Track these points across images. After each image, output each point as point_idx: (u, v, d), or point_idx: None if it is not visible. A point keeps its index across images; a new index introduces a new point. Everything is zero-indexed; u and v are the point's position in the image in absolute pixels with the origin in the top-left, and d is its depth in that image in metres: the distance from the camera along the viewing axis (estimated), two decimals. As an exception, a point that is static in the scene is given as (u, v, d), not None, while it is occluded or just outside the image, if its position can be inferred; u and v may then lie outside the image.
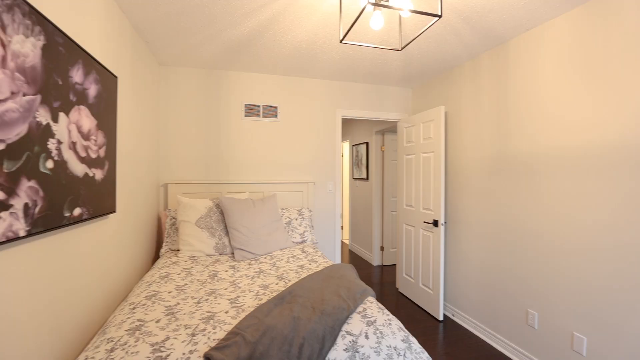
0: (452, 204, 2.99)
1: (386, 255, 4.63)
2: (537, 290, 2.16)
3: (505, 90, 2.43)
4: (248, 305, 1.51)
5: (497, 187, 2.50)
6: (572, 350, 1.93)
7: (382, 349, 1.26)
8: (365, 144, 4.89)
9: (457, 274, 2.93)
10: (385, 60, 2.83)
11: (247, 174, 3.18)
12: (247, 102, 3.17)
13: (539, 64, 2.17)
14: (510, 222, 2.38)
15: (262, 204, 2.65)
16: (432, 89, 3.33)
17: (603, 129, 1.79)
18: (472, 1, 1.86)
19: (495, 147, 2.53)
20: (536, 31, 2.18)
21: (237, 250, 2.35)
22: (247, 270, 2.05)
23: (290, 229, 2.85)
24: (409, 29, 2.22)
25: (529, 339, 2.21)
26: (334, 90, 3.43)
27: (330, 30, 2.27)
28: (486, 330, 2.58)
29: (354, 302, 1.47)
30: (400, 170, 3.57)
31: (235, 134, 3.15)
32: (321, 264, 2.18)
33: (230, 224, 2.46)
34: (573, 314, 1.93)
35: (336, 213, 3.42)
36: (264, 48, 2.58)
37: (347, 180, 6.06)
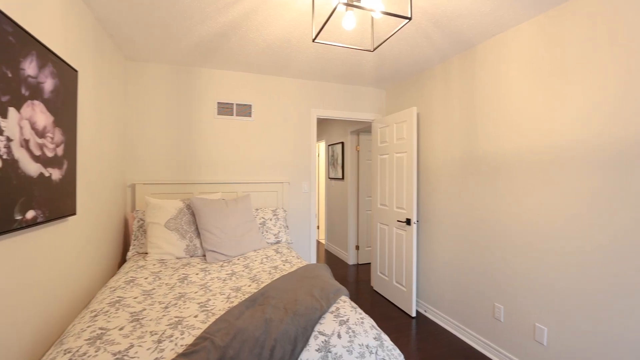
0: (424, 203, 3.07)
1: (361, 254, 4.68)
2: (503, 285, 2.26)
3: (473, 93, 2.52)
4: (219, 308, 1.47)
5: (466, 186, 2.59)
6: (534, 341, 2.03)
7: (355, 348, 1.27)
8: (340, 143, 4.92)
9: (429, 271, 3.01)
10: (359, 61, 2.86)
11: (220, 174, 3.10)
12: (220, 100, 3.10)
13: (502, 69, 2.27)
14: (477, 220, 2.48)
15: (235, 205, 2.60)
16: (405, 90, 3.40)
17: (559, 131, 1.89)
18: (443, 5, 1.91)
19: (463, 148, 2.62)
20: (501, 37, 2.28)
21: (209, 252, 2.29)
22: (219, 273, 2.00)
23: (265, 230, 2.81)
24: (382, 30, 2.25)
25: (496, 332, 2.31)
26: (309, 90, 3.42)
27: (304, 29, 2.26)
28: (457, 325, 2.67)
29: (327, 301, 1.47)
30: (374, 170, 3.62)
31: (208, 132, 3.06)
32: (295, 265, 2.16)
33: (201, 225, 2.39)
34: (535, 307, 2.04)
35: (311, 213, 3.42)
36: (237, 45, 2.52)
37: (323, 180, 6.08)
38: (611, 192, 1.65)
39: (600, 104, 1.70)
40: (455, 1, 1.86)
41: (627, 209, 1.59)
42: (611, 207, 1.65)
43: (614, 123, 1.64)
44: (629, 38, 1.58)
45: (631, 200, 1.57)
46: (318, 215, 6.40)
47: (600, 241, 1.70)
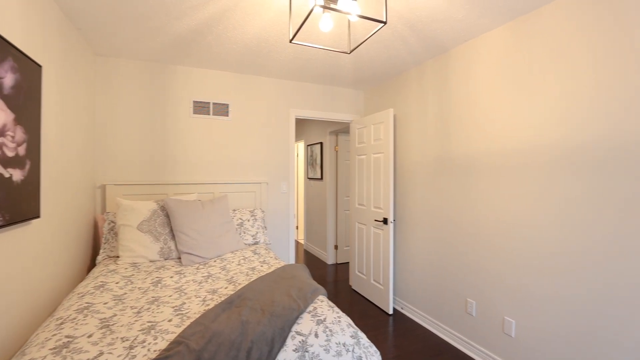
0: (401, 202, 3.14)
1: (340, 253, 4.72)
2: (475, 281, 2.35)
3: (446, 96, 2.61)
4: (194, 312, 1.44)
5: (439, 187, 2.67)
6: (503, 333, 2.13)
7: (332, 346, 1.28)
8: (319, 144, 4.94)
9: (405, 269, 3.08)
10: (337, 63, 2.88)
11: (196, 175, 3.04)
12: (196, 98, 3.03)
13: (472, 74, 2.36)
14: (450, 220, 2.56)
15: (211, 205, 2.55)
16: (382, 92, 3.46)
17: (524, 136, 1.99)
18: (418, 10, 1.96)
19: (437, 149, 2.70)
20: (472, 43, 2.37)
21: (184, 254, 2.24)
22: (195, 275, 1.95)
23: (242, 231, 2.77)
24: (359, 33, 2.29)
25: (469, 326, 2.40)
26: (287, 90, 3.41)
27: (282, 29, 2.25)
28: (432, 321, 2.74)
29: (305, 301, 1.48)
30: (352, 170, 3.66)
31: (183, 132, 2.99)
32: (273, 265, 2.15)
33: (176, 227, 2.33)
34: (504, 301, 2.13)
35: (290, 213, 3.41)
36: (213, 43, 2.48)
37: (302, 180, 6.07)
38: (572, 195, 1.76)
39: (563, 109, 1.81)
40: (430, 7, 1.91)
41: (588, 210, 1.70)
42: (572, 208, 1.76)
43: (575, 128, 1.75)
44: (589, 47, 1.69)
45: (591, 201, 1.68)
46: (297, 216, 6.40)
47: (562, 240, 1.81)
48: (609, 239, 1.60)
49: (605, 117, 1.62)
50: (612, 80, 1.60)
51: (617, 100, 1.57)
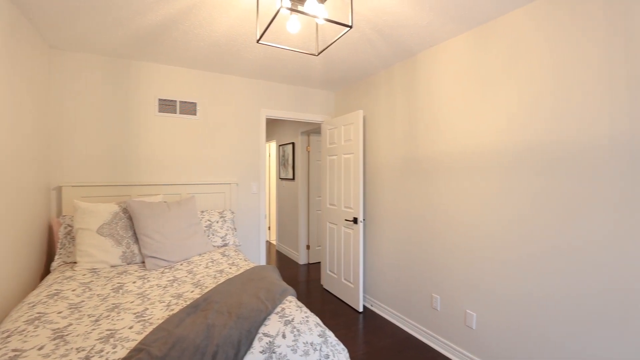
0: (370, 202, 3.21)
1: (312, 253, 4.74)
2: (439, 276, 2.46)
3: (414, 99, 2.70)
4: (157, 317, 1.40)
5: (406, 187, 2.76)
6: (465, 326, 2.24)
7: (299, 346, 1.29)
8: (291, 144, 4.93)
9: (374, 267, 3.15)
10: (307, 64, 2.89)
11: (162, 175, 2.93)
12: (161, 96, 2.92)
13: (436, 78, 2.46)
14: (415, 219, 2.66)
15: (178, 207, 2.47)
16: (352, 93, 3.52)
17: (484, 138, 2.11)
18: (385, 15, 2.02)
19: (405, 150, 2.79)
20: (436, 48, 2.47)
21: (149, 258, 2.15)
22: (159, 280, 1.89)
23: (211, 233, 2.71)
24: (328, 35, 2.31)
25: (434, 320, 2.50)
26: (258, 90, 3.38)
27: (250, 28, 2.23)
28: (400, 317, 2.83)
29: (273, 303, 1.48)
30: (324, 171, 3.69)
31: (148, 131, 2.87)
32: (243, 267, 2.13)
33: (140, 230, 2.23)
34: (466, 295, 2.25)
35: (261, 214, 3.38)
36: (180, 40, 2.41)
37: (274, 180, 6.03)
38: (527, 195, 1.89)
39: (520, 114, 1.93)
40: (396, 12, 1.97)
41: (541, 211, 1.83)
42: (526, 208, 1.89)
43: (530, 132, 1.88)
44: (544, 56, 1.82)
45: (538, 199, 1.81)
46: (269, 216, 6.34)
47: (518, 237, 1.93)
48: (555, 240, 1.73)
49: (558, 122, 1.75)
50: (563, 88, 1.73)
51: (566, 107, 1.71)
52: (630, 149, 1.47)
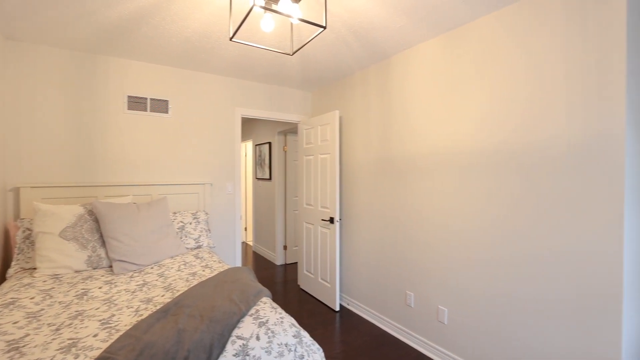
0: (346, 202, 3.24)
1: (289, 254, 4.72)
2: (413, 274, 2.52)
3: (388, 100, 2.75)
4: (125, 324, 1.34)
5: (381, 187, 2.81)
6: (437, 321, 2.31)
7: (274, 348, 1.28)
8: (268, 144, 4.88)
9: (350, 266, 3.19)
10: (283, 63, 2.88)
11: (131, 175, 2.81)
12: (131, 93, 2.80)
13: (409, 80, 2.52)
14: (391, 218, 2.71)
15: (148, 209, 2.38)
16: (329, 93, 3.54)
17: (456, 138, 2.19)
18: (359, 17, 2.04)
19: (379, 151, 2.83)
20: (410, 51, 2.53)
21: (117, 262, 2.06)
22: (128, 284, 1.81)
23: (184, 234, 2.64)
24: (304, 35, 2.31)
25: (408, 317, 2.56)
26: (233, 88, 3.32)
27: (224, 25, 2.19)
28: (375, 315, 2.88)
29: (247, 304, 1.45)
30: (300, 171, 3.68)
31: (116, 129, 2.75)
32: (217, 269, 2.08)
33: (107, 233, 2.13)
34: (438, 292, 2.31)
35: (236, 215, 3.32)
36: (150, 35, 2.32)
37: (251, 180, 5.95)
38: (494, 195, 1.97)
39: (488, 116, 2.01)
40: (371, 14, 2.00)
41: (501, 207, 1.91)
42: (494, 208, 1.97)
43: (498, 133, 1.96)
44: (509, 61, 1.91)
45: (504, 198, 1.90)
46: (245, 217, 6.25)
47: (486, 238, 2.01)
48: (523, 244, 1.83)
49: (530, 124, 1.84)
50: (533, 91, 1.82)
51: (537, 109, 1.80)
52: (597, 151, 1.57)
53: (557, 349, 1.67)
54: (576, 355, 1.60)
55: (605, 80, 1.51)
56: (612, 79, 1.49)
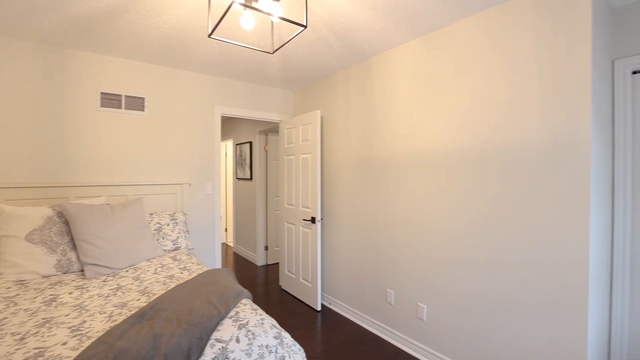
0: (328, 202, 3.25)
1: (270, 254, 4.68)
2: (393, 273, 2.55)
3: (369, 100, 2.78)
4: (97, 330, 1.29)
5: (362, 187, 2.84)
6: (417, 318, 2.36)
7: (254, 350, 1.27)
8: (248, 143, 4.82)
9: (332, 266, 3.20)
10: (264, 61, 2.85)
11: (104, 175, 2.70)
12: (104, 89, 2.69)
13: (388, 81, 2.56)
14: (371, 217, 2.74)
15: (123, 210, 2.30)
16: (310, 93, 3.53)
17: (435, 139, 2.24)
18: (340, 17, 2.05)
19: (360, 151, 2.86)
20: (390, 53, 2.57)
21: (89, 266, 1.97)
22: (101, 289, 1.74)
23: (161, 236, 2.56)
24: (285, 33, 2.29)
25: (388, 314, 2.59)
26: (213, 86, 3.25)
27: (203, 22, 2.14)
28: (356, 313, 2.90)
29: (226, 307, 1.43)
30: (282, 170, 3.66)
31: (88, 127, 2.63)
32: (195, 272, 2.03)
33: (78, 236, 2.04)
34: (417, 289, 2.36)
35: (216, 215, 3.26)
36: (125, 30, 2.23)
37: (231, 180, 5.86)
38: (467, 194, 2.03)
39: (465, 117, 2.07)
40: (351, 15, 2.01)
41: (478, 210, 1.97)
42: (467, 208, 2.03)
43: (477, 134, 2.02)
44: (486, 64, 1.97)
45: (480, 200, 1.96)
46: (225, 218, 6.15)
47: (462, 237, 2.07)
48: (496, 245, 1.89)
49: (508, 125, 1.90)
50: (512, 92, 1.88)
51: (516, 111, 1.87)
52: (567, 153, 1.65)
53: (530, 343, 1.74)
54: (547, 347, 1.67)
55: (573, 85, 1.58)
56: (579, 84, 1.56)
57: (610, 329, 1.87)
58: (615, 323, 1.85)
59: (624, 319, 1.83)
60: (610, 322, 1.87)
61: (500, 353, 1.87)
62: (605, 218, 1.74)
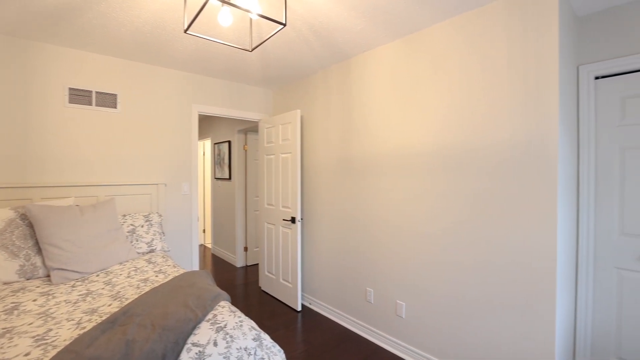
0: (308, 201, 3.24)
1: (250, 255, 4.62)
2: (372, 271, 2.58)
3: (348, 101, 2.79)
4: (64, 338, 1.22)
5: (342, 187, 2.85)
6: (396, 315, 2.39)
7: (232, 353, 1.24)
8: (227, 142, 4.73)
9: (312, 266, 3.19)
10: (243, 59, 2.80)
11: (73, 175, 2.57)
12: (73, 85, 2.56)
13: (367, 82, 2.58)
14: (351, 216, 2.76)
15: (93, 211, 2.19)
16: (290, 92, 3.51)
17: (413, 140, 2.28)
18: (320, 17, 2.05)
19: (340, 151, 2.87)
20: (370, 53, 2.59)
21: (56, 271, 1.87)
22: (69, 295, 1.65)
23: (135, 238, 2.46)
24: (265, 31, 2.26)
25: (368, 313, 2.62)
26: (190, 83, 3.16)
27: (179, 17, 2.07)
28: (337, 312, 2.91)
29: (204, 310, 1.39)
30: (261, 170, 3.62)
31: (55, 124, 2.49)
32: (171, 274, 1.97)
33: (44, 239, 1.93)
34: (396, 286, 2.40)
35: (193, 216, 3.18)
36: (96, 23, 2.13)
37: (209, 180, 5.73)
38: (442, 197, 2.09)
39: (442, 119, 2.12)
40: (331, 15, 2.01)
41: (452, 215, 2.03)
42: (443, 212, 2.08)
43: (455, 135, 2.08)
44: (461, 67, 2.02)
45: (456, 203, 2.01)
46: (203, 219, 6.01)
47: (440, 238, 2.12)
48: (469, 248, 1.95)
49: (488, 126, 1.96)
50: (489, 94, 1.94)
51: (495, 112, 1.92)
52: (536, 155, 1.72)
53: (504, 336, 1.81)
54: (519, 340, 1.74)
55: (543, 89, 1.66)
56: (548, 88, 1.64)
57: (576, 320, 1.97)
58: (580, 314, 1.96)
59: (587, 310, 1.94)
60: (576, 314, 1.97)
61: (476, 347, 1.93)
62: (571, 216, 1.84)
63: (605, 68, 1.84)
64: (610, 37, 1.83)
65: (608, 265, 1.88)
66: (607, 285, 1.88)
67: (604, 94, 1.87)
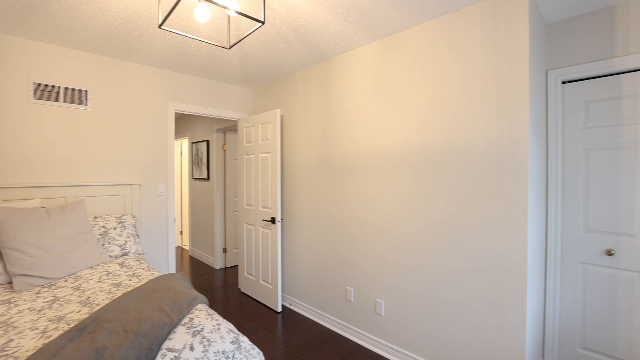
0: (288, 201, 3.22)
1: (229, 256, 4.54)
2: (352, 270, 2.60)
3: (328, 101, 2.80)
4: (27, 349, 1.15)
5: (322, 187, 2.85)
6: (375, 314, 2.42)
7: (210, 357, 1.21)
8: (205, 141, 4.63)
9: (292, 266, 3.18)
10: (222, 57, 2.75)
11: (39, 176, 2.43)
12: (38, 80, 2.42)
13: (348, 82, 2.60)
14: (332, 217, 2.76)
15: (61, 213, 2.08)
16: (270, 91, 3.48)
17: (388, 142, 2.31)
18: (300, 16, 2.04)
19: (320, 151, 2.87)
20: (350, 54, 2.61)
21: (19, 277, 1.76)
22: (33, 302, 1.56)
23: (107, 241, 2.36)
24: (244, 29, 2.23)
25: (348, 312, 2.64)
26: (166, 81, 3.07)
27: (153, 12, 2.01)
28: (317, 312, 2.91)
29: (180, 314, 1.35)
30: (240, 170, 3.56)
31: (18, 121, 2.35)
32: (145, 278, 1.90)
33: (5, 244, 1.81)
34: (376, 285, 2.42)
35: (169, 218, 3.08)
36: (64, 15, 2.03)
37: (187, 180, 5.59)
38: (417, 198, 2.13)
39: (421, 119, 2.16)
40: (311, 14, 2.01)
41: (428, 218, 2.07)
42: (419, 217, 2.13)
43: (434, 135, 2.12)
44: (441, 68, 2.07)
45: (438, 200, 2.06)
46: (180, 220, 5.85)
47: (415, 237, 2.16)
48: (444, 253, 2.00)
49: (465, 127, 2.01)
50: (468, 95, 1.99)
51: (472, 112, 1.98)
52: (508, 156, 1.78)
53: (478, 330, 1.87)
54: (492, 334, 1.80)
55: (514, 92, 1.72)
56: (519, 91, 1.71)
57: (545, 313, 2.06)
58: (548, 308, 2.05)
59: (555, 304, 2.04)
60: (545, 307, 2.06)
61: (453, 341, 1.98)
62: (541, 214, 1.92)
63: (572, 73, 1.94)
64: (576, 43, 1.93)
65: (574, 260, 1.98)
66: (573, 279, 1.98)
67: (571, 98, 1.97)
